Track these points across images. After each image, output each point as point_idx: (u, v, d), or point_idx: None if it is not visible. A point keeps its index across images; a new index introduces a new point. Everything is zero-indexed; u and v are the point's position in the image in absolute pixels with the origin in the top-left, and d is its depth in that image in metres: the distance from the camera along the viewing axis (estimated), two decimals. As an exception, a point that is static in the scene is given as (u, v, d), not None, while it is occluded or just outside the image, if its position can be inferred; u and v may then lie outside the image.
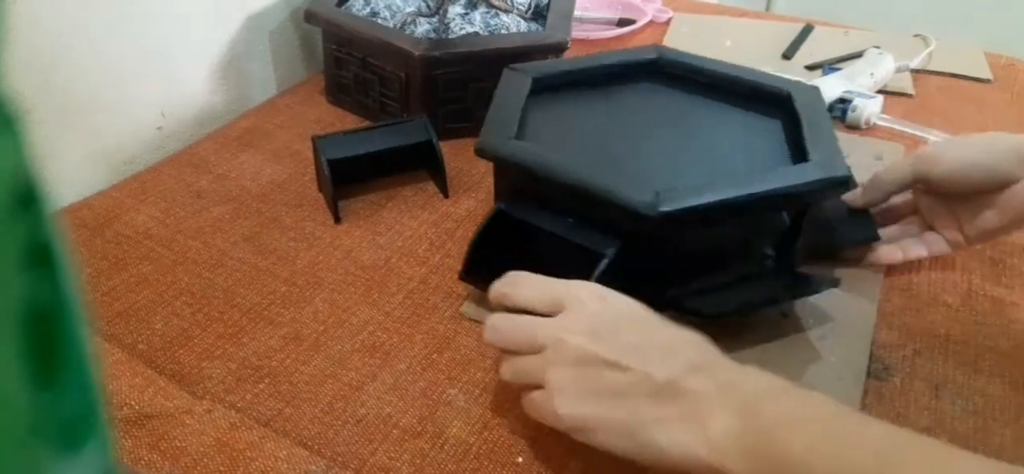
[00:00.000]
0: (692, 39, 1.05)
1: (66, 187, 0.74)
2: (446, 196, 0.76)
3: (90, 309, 0.62)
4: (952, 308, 0.63)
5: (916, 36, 1.04)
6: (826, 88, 0.84)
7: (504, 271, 0.59)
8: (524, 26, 0.88)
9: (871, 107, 0.86)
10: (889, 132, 0.86)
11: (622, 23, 1.09)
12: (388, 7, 0.88)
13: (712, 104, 0.70)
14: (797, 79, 0.72)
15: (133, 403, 0.54)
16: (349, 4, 0.89)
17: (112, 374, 0.56)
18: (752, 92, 0.70)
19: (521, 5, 0.90)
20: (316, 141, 0.73)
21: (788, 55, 1.02)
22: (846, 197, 0.66)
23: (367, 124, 0.81)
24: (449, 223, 0.72)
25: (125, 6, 0.75)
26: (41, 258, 0.17)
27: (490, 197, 0.73)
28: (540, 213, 0.61)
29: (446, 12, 0.88)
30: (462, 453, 0.52)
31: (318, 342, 0.60)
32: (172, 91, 0.82)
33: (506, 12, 0.89)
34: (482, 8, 0.89)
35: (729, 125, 0.68)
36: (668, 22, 1.12)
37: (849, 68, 0.92)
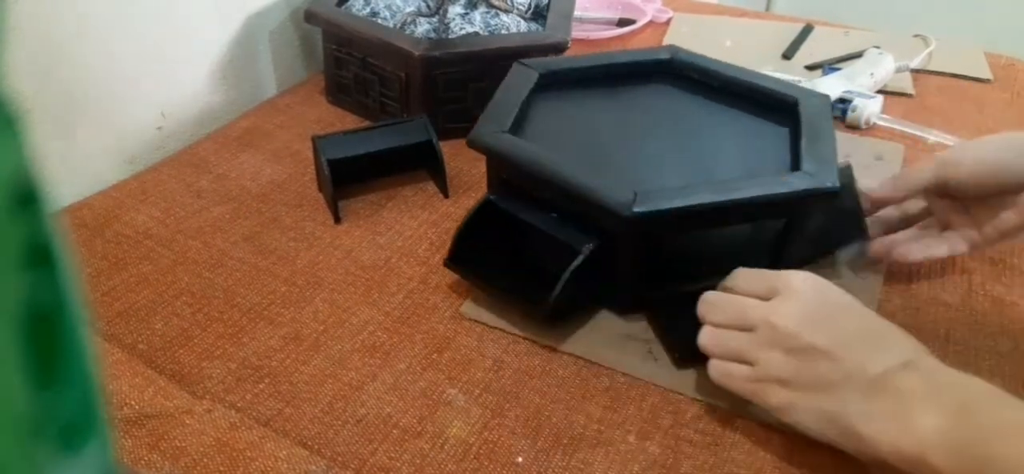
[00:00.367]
0: (692, 39, 1.05)
1: (66, 187, 0.74)
2: (446, 196, 0.76)
3: (90, 309, 0.62)
4: (952, 308, 0.63)
5: (916, 36, 1.04)
6: (826, 88, 0.84)
7: (488, 260, 0.60)
8: (524, 26, 0.88)
9: (871, 107, 0.86)
10: (889, 132, 0.86)
11: (622, 23, 1.09)
12: (388, 7, 0.88)
13: (721, 108, 0.70)
14: (809, 85, 0.71)
15: (133, 403, 0.54)
16: (349, 4, 0.89)
17: (112, 374, 0.56)
18: (761, 97, 0.69)
19: (521, 5, 0.90)
20: (316, 141, 0.73)
21: (788, 55, 1.02)
22: (869, 190, 0.65)
23: (367, 124, 0.81)
24: (449, 223, 0.72)
25: (125, 6, 0.75)
26: (41, 258, 0.17)
27: (490, 197, 0.73)
28: (526, 206, 0.61)
29: (446, 12, 0.88)
30: (462, 453, 0.52)
31: (318, 342, 0.60)
32: (172, 91, 0.82)
33: (506, 12, 0.89)
34: (482, 8, 0.89)
35: (734, 130, 0.67)
36: (668, 22, 1.12)
37: (849, 68, 0.92)
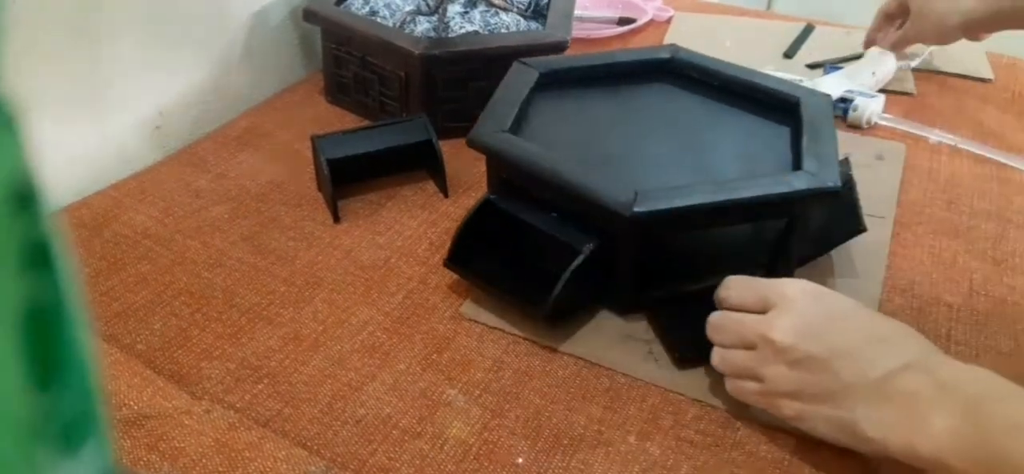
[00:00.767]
0: (693, 38, 1.05)
1: (65, 187, 0.74)
2: (446, 196, 0.76)
3: (89, 309, 0.62)
4: (952, 308, 0.63)
5: (916, 36, 1.04)
6: (828, 87, 0.84)
7: (488, 260, 0.60)
8: (524, 25, 0.88)
9: (872, 106, 0.86)
10: (891, 131, 0.86)
11: (622, 22, 1.09)
12: (387, 6, 0.88)
13: (722, 107, 0.70)
14: (810, 85, 0.71)
15: (132, 403, 0.54)
16: (348, 3, 0.89)
17: (111, 374, 0.55)
18: (762, 97, 0.69)
19: (521, 4, 0.90)
20: (315, 141, 0.73)
21: (789, 54, 1.02)
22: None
23: (367, 123, 0.81)
24: (449, 223, 0.72)
25: (125, 5, 0.75)
26: (40, 258, 0.16)
27: (490, 196, 0.73)
28: (526, 206, 0.61)
29: (445, 11, 0.88)
30: (462, 453, 0.51)
31: (317, 342, 0.60)
32: (171, 90, 0.82)
33: (506, 11, 0.89)
34: (481, 7, 0.89)
35: (735, 129, 0.67)
36: (668, 21, 1.12)
37: (851, 67, 0.92)
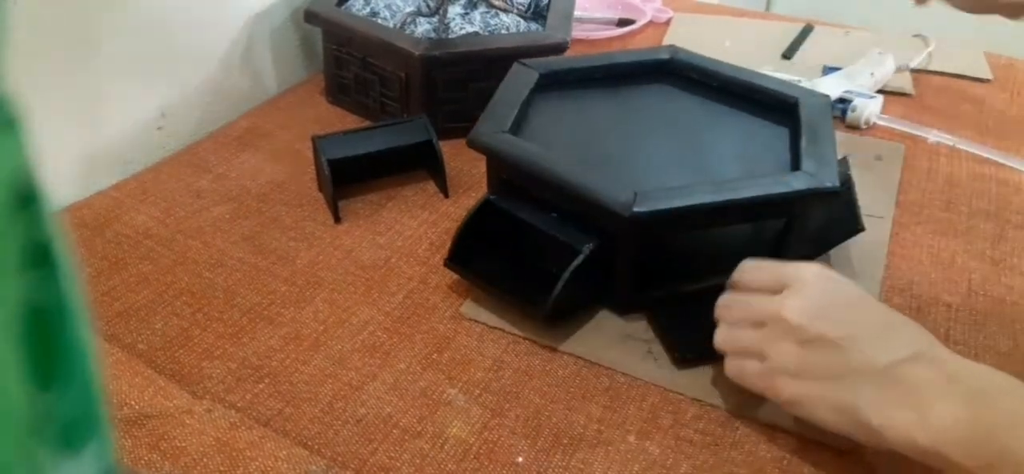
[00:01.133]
0: (692, 39, 1.05)
1: (66, 187, 0.74)
2: (446, 196, 0.76)
3: (90, 309, 0.62)
4: (952, 308, 0.63)
5: (916, 36, 1.04)
6: (826, 88, 0.84)
7: (488, 260, 0.60)
8: (524, 26, 0.88)
9: (871, 107, 0.86)
10: (889, 132, 0.86)
11: (622, 23, 1.09)
12: (388, 7, 0.88)
13: (721, 108, 0.70)
14: (809, 85, 0.71)
15: (133, 403, 0.54)
16: (349, 4, 0.89)
17: (112, 374, 0.56)
18: (761, 97, 0.69)
19: (521, 5, 0.90)
20: (316, 141, 0.73)
21: (788, 55, 1.02)
22: None
23: (367, 124, 0.81)
24: (449, 223, 0.72)
25: (125, 5, 0.75)
26: (41, 258, 0.17)
27: (490, 197, 0.73)
28: (526, 206, 0.61)
29: (446, 12, 0.88)
30: (462, 453, 0.52)
31: (318, 342, 0.60)
32: (172, 91, 0.82)
33: (506, 12, 0.89)
34: (482, 8, 0.89)
35: (734, 130, 0.67)
36: (668, 22, 1.12)
37: (849, 68, 0.92)
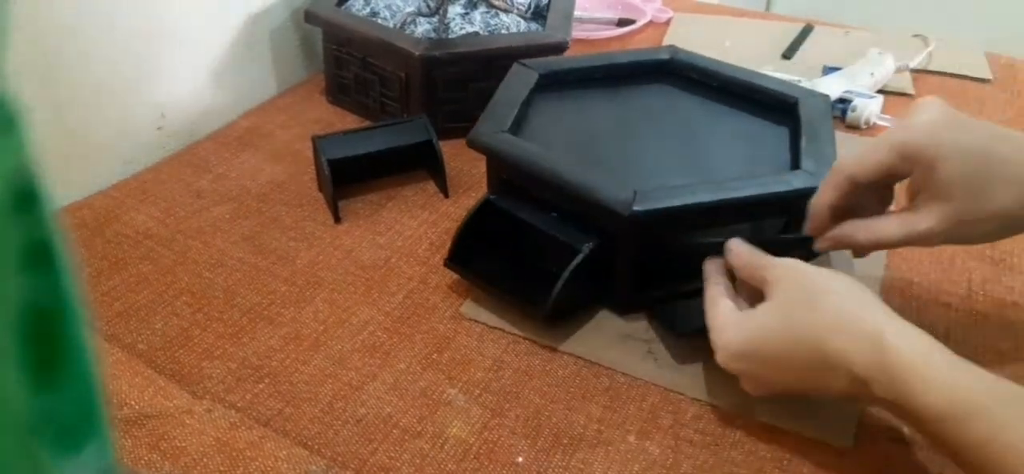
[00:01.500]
0: (692, 39, 1.05)
1: (66, 187, 0.74)
2: (446, 196, 0.76)
3: (90, 309, 0.62)
4: (952, 308, 0.63)
5: (916, 36, 1.04)
6: (826, 88, 0.84)
7: (488, 260, 0.61)
8: (524, 26, 0.88)
9: (871, 107, 0.86)
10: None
11: (622, 23, 1.09)
12: (388, 7, 0.88)
13: (721, 108, 0.70)
14: (809, 85, 0.71)
15: (133, 403, 0.54)
16: (349, 4, 0.89)
17: (112, 374, 0.56)
18: (761, 97, 0.69)
19: (521, 5, 0.90)
20: (316, 141, 0.73)
21: (788, 55, 1.02)
22: (811, 208, 0.56)
23: (367, 124, 0.81)
24: (449, 223, 0.72)
25: (126, 6, 0.75)
26: (41, 258, 0.17)
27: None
28: (526, 205, 0.62)
29: (446, 12, 0.88)
30: (462, 453, 0.52)
31: (318, 342, 0.60)
32: (172, 91, 0.82)
33: (506, 12, 0.89)
34: (482, 8, 0.89)
35: (734, 130, 0.67)
36: (668, 22, 1.12)
37: (849, 68, 0.92)
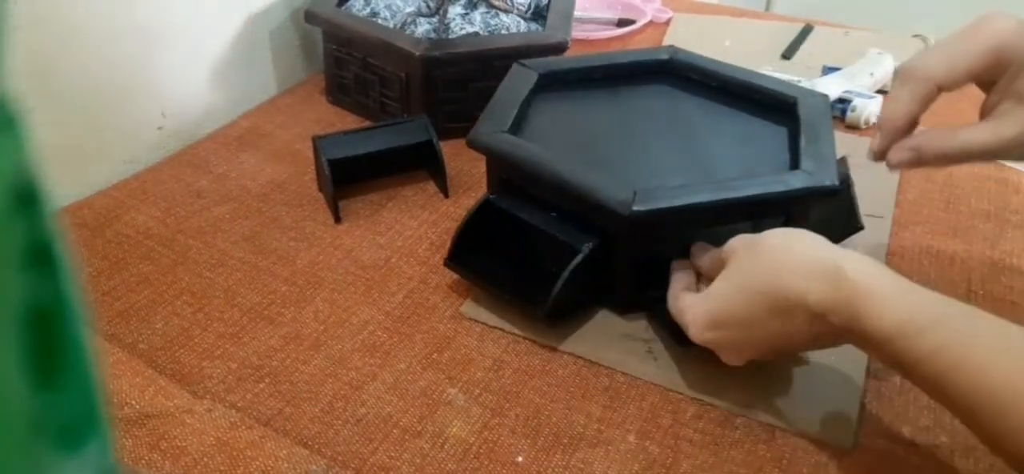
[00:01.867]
0: (691, 39, 1.05)
1: (66, 187, 0.74)
2: (446, 196, 0.76)
3: (90, 309, 0.62)
4: (952, 308, 0.63)
5: (915, 36, 1.04)
6: (826, 88, 0.84)
7: (488, 260, 0.61)
8: (524, 26, 0.88)
9: (871, 107, 0.86)
10: (889, 132, 0.86)
11: (622, 23, 1.09)
12: (388, 7, 0.88)
13: (721, 108, 0.70)
14: (809, 85, 0.71)
15: (133, 402, 0.54)
16: (349, 4, 0.89)
17: (112, 374, 0.56)
18: (760, 97, 0.69)
19: (521, 5, 0.90)
20: (316, 141, 0.73)
21: (787, 55, 1.02)
22: (886, 117, 0.55)
23: (367, 124, 0.81)
24: (449, 223, 0.72)
25: (126, 6, 0.75)
26: (41, 258, 0.17)
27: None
28: (525, 205, 0.62)
29: (446, 12, 0.88)
30: (462, 453, 0.52)
31: (318, 342, 0.60)
32: (172, 91, 0.82)
33: (506, 12, 0.89)
34: (482, 8, 0.89)
35: (734, 130, 0.67)
36: (668, 22, 1.12)
37: (849, 68, 0.92)
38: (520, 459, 0.51)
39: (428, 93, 0.81)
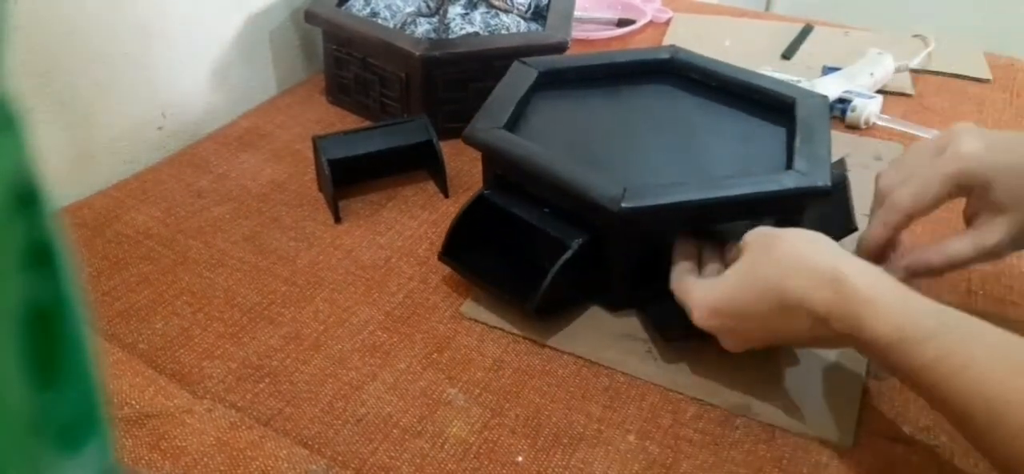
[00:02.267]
0: (691, 39, 1.05)
1: (66, 187, 0.74)
2: (446, 196, 0.76)
3: (90, 309, 0.62)
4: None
5: (915, 36, 1.04)
6: (825, 88, 0.84)
7: (483, 255, 0.62)
8: (524, 26, 0.88)
9: (871, 107, 0.86)
10: (889, 132, 0.86)
11: (622, 23, 1.09)
12: (388, 7, 0.89)
13: (720, 108, 0.70)
14: (808, 85, 0.71)
15: (133, 402, 0.54)
16: (349, 4, 0.89)
17: (112, 374, 0.56)
18: (760, 97, 0.70)
19: (521, 5, 0.90)
20: (316, 141, 0.73)
21: (787, 55, 1.02)
22: (868, 239, 0.58)
23: (367, 124, 0.81)
24: (449, 223, 0.72)
25: (126, 6, 0.75)
26: (41, 258, 0.17)
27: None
28: (519, 201, 0.62)
29: (446, 12, 0.88)
30: (462, 453, 0.52)
31: (318, 342, 0.60)
32: (172, 91, 0.82)
33: (506, 12, 0.89)
34: (482, 8, 0.89)
35: (733, 129, 0.67)
36: (668, 22, 1.12)
37: (849, 68, 0.92)
38: (520, 459, 0.51)
39: (428, 93, 0.81)
